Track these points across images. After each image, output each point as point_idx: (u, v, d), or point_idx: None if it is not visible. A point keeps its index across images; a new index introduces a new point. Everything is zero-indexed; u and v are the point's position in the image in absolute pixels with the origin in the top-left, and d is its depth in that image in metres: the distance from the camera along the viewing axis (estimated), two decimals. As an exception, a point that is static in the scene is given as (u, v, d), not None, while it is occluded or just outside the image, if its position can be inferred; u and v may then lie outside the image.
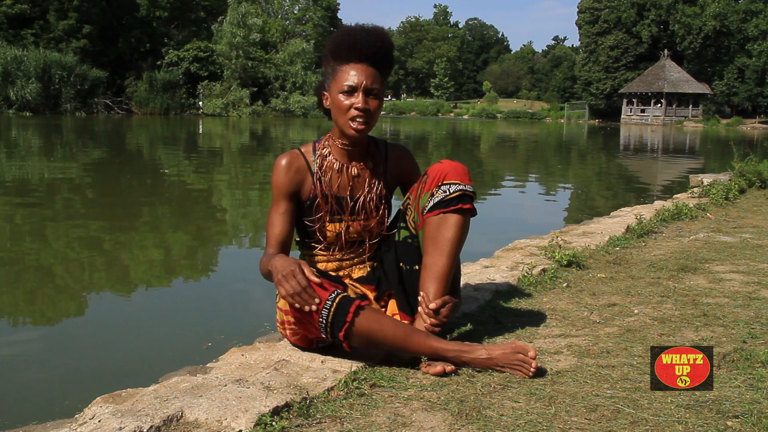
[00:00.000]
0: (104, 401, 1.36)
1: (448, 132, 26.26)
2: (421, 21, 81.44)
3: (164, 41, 35.95)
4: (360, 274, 1.83)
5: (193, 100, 35.37)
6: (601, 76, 48.77)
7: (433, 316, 1.62)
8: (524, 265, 2.59)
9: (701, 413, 1.29)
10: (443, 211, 1.68)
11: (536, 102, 66.62)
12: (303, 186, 1.78)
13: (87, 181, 7.81)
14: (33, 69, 28.19)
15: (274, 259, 1.58)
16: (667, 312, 2.01)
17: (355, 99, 1.68)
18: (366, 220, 1.81)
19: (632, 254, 2.90)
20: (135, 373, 2.23)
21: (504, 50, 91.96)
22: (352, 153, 1.80)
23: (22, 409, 1.98)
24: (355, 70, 1.69)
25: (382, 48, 1.72)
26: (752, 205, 4.53)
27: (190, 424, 1.26)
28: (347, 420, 1.30)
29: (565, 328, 1.89)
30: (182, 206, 6.21)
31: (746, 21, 42.29)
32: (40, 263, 3.89)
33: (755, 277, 2.44)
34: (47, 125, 20.56)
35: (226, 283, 3.63)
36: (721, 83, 44.81)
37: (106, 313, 3.07)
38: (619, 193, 8.01)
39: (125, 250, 4.28)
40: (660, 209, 4.02)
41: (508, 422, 1.27)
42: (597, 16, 49.04)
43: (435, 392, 1.43)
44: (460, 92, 77.26)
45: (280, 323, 1.67)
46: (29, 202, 6.02)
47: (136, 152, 12.74)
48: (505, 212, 6.34)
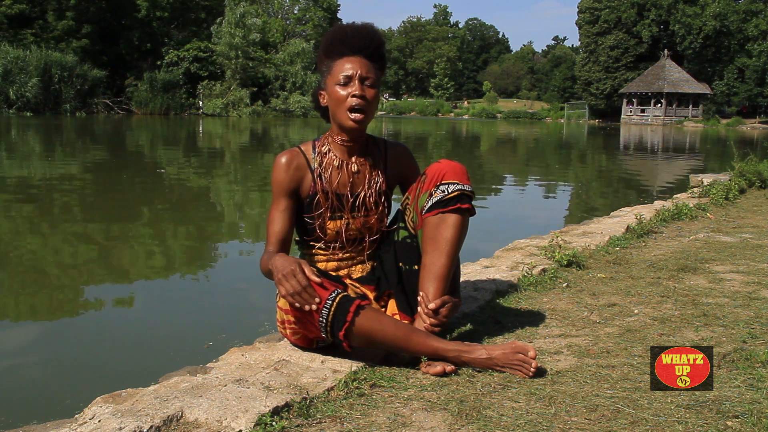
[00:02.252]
0: (104, 401, 1.36)
1: (448, 132, 26.26)
2: (421, 21, 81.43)
3: (164, 41, 35.94)
4: (360, 273, 1.84)
5: (193, 100, 35.37)
6: (601, 76, 48.74)
7: (433, 316, 1.62)
8: (524, 265, 2.59)
9: (701, 413, 1.29)
10: (442, 211, 1.68)
11: (536, 102, 66.62)
12: (303, 183, 1.78)
13: (86, 181, 7.80)
14: (33, 69, 28.19)
15: (274, 258, 1.58)
16: (667, 312, 2.01)
17: (352, 88, 1.70)
18: (366, 216, 1.81)
19: (632, 254, 2.90)
20: (135, 373, 2.23)
21: (504, 50, 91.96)
22: (352, 149, 1.80)
23: (22, 409, 1.98)
24: (349, 62, 1.72)
25: (373, 41, 1.75)
26: (752, 205, 4.53)
27: (190, 424, 1.26)
28: (347, 420, 1.30)
29: (565, 328, 1.89)
30: (182, 206, 6.21)
31: (746, 21, 42.29)
32: (41, 263, 3.89)
33: (755, 277, 2.44)
34: (49, 125, 20.56)
35: (226, 283, 3.63)
36: (721, 83, 44.80)
37: (106, 313, 3.07)
38: (619, 193, 8.01)
39: (125, 250, 4.28)
40: (660, 209, 4.02)
41: (508, 422, 1.27)
42: (597, 16, 48.99)
43: (435, 392, 1.43)
44: (460, 92, 77.25)
45: (280, 323, 1.67)
46: (30, 202, 6.01)
47: (137, 152, 12.74)
48: (505, 212, 6.34)
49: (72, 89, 29.66)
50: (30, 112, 27.74)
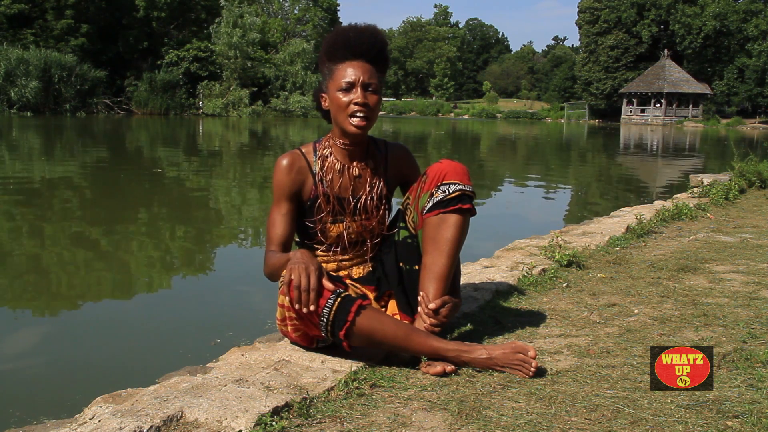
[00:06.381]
0: (104, 401, 1.36)
1: (447, 132, 26.25)
2: (421, 21, 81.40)
3: (164, 41, 35.93)
4: (360, 274, 1.83)
5: (193, 100, 35.35)
6: (601, 76, 48.74)
7: (433, 316, 1.62)
8: (524, 265, 2.59)
9: (701, 413, 1.29)
10: (443, 211, 1.68)
11: (536, 102, 66.60)
12: (304, 187, 1.78)
13: (88, 181, 7.80)
14: (33, 69, 28.19)
15: (296, 250, 1.60)
16: (667, 312, 2.01)
17: (354, 95, 1.68)
18: (366, 220, 1.81)
19: (632, 254, 2.90)
20: (135, 373, 2.23)
21: (504, 50, 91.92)
22: (353, 153, 1.80)
23: (22, 409, 1.98)
24: (351, 68, 1.69)
25: (376, 44, 1.73)
26: (752, 205, 4.53)
27: (190, 424, 1.26)
28: (347, 420, 1.30)
29: (565, 328, 1.89)
30: (182, 206, 6.21)
31: (746, 21, 42.26)
32: (41, 263, 3.89)
33: (755, 277, 2.44)
34: (50, 126, 20.56)
35: (226, 283, 3.63)
36: (721, 83, 44.79)
37: (107, 313, 3.07)
38: (619, 193, 8.01)
39: (126, 250, 4.28)
40: (660, 209, 4.02)
41: (508, 422, 1.27)
42: (597, 16, 48.99)
43: (435, 392, 1.43)
44: (460, 92, 77.22)
45: (280, 320, 1.65)
46: (31, 202, 6.01)
47: (138, 153, 12.74)
48: (505, 212, 6.33)
49: (72, 89, 29.66)
50: (30, 112, 27.73)
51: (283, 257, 1.67)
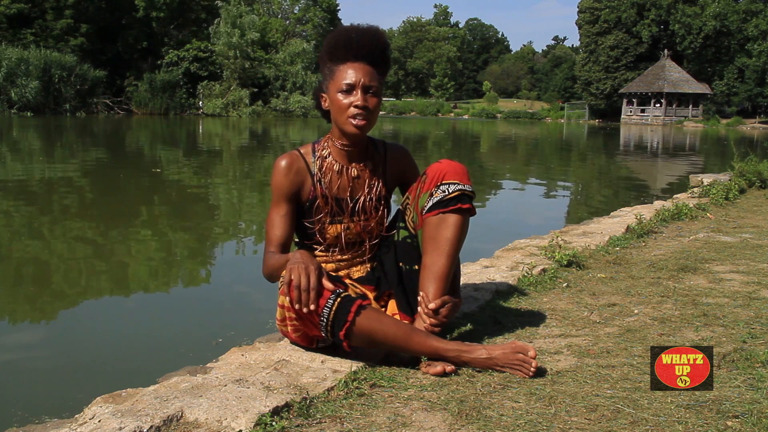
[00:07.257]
0: (104, 401, 1.36)
1: (448, 132, 26.25)
2: (421, 21, 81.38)
3: (164, 41, 35.94)
4: (359, 274, 1.84)
5: (193, 100, 35.36)
6: (601, 76, 48.73)
7: (433, 316, 1.62)
8: (524, 265, 2.59)
9: (701, 413, 1.29)
10: (442, 211, 1.68)
11: (536, 102, 66.58)
12: (303, 187, 1.78)
13: (89, 181, 7.80)
14: (33, 69, 28.19)
15: (296, 250, 1.60)
16: (667, 312, 2.01)
17: (354, 97, 1.68)
18: (365, 221, 1.81)
19: (632, 254, 2.90)
20: (135, 373, 2.23)
21: (504, 50, 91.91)
22: (352, 154, 1.80)
23: (22, 408, 1.98)
24: (352, 69, 1.69)
25: (378, 46, 1.72)
26: (752, 205, 4.53)
27: (190, 424, 1.26)
28: (347, 420, 1.30)
29: (565, 328, 1.89)
30: (182, 206, 6.21)
31: (746, 21, 42.25)
32: (41, 263, 3.89)
33: (755, 277, 2.44)
34: (50, 126, 20.56)
35: (227, 283, 3.63)
36: (721, 83, 44.78)
37: (107, 313, 3.07)
38: (619, 193, 8.01)
39: (126, 250, 4.28)
40: (660, 209, 4.02)
41: (508, 422, 1.27)
42: (597, 16, 48.98)
43: (435, 392, 1.43)
44: (460, 92, 77.20)
45: (280, 320, 1.65)
46: (31, 202, 6.01)
47: (138, 153, 12.74)
48: (505, 212, 6.34)
49: (72, 89, 29.67)
50: (30, 112, 27.74)
51: (282, 258, 1.67)
